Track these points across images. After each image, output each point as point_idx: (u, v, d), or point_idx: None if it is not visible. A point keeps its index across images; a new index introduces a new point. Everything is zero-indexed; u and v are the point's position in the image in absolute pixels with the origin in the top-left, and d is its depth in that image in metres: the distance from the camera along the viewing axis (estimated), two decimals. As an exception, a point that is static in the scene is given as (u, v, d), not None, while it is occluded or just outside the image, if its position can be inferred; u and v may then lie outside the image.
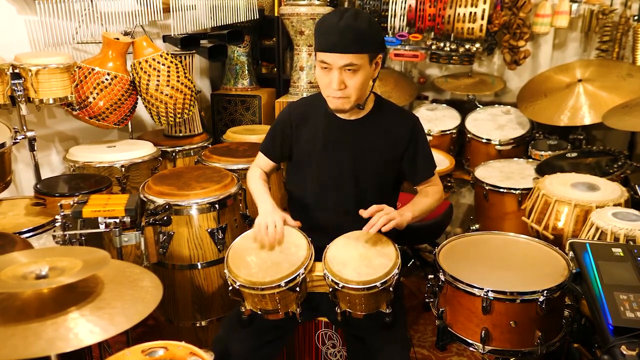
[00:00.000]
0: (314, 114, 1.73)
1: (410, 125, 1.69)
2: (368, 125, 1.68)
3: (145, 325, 2.43)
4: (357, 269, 1.41)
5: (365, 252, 1.48)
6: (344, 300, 1.45)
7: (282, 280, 1.40)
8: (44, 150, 2.54)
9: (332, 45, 1.49)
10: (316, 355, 1.78)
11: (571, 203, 1.97)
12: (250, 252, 1.52)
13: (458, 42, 3.04)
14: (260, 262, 1.47)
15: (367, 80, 1.58)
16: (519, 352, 1.52)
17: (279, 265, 1.45)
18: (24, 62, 2.11)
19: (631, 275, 1.29)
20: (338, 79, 1.51)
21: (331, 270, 1.42)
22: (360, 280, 1.38)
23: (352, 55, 1.49)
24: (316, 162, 1.71)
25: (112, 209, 1.62)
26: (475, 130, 3.03)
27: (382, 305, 1.45)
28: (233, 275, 1.45)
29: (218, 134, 3.38)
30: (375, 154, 1.67)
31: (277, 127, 1.80)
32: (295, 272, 1.43)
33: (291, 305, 1.47)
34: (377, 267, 1.41)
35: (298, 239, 1.55)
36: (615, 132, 2.92)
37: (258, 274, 1.43)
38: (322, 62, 1.52)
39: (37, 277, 1.12)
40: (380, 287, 1.37)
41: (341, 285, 1.38)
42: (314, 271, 1.49)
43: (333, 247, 1.52)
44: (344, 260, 1.45)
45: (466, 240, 1.79)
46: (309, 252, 1.50)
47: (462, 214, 3.42)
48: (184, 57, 2.76)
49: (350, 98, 1.56)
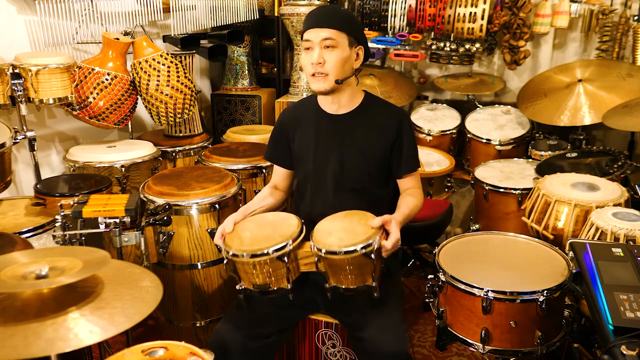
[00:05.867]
0: (305, 114, 1.79)
1: (399, 119, 1.72)
2: (357, 119, 1.73)
3: (145, 325, 2.43)
4: (339, 236, 1.46)
5: (349, 225, 1.52)
6: (331, 273, 1.48)
7: (270, 247, 1.44)
8: (44, 150, 2.54)
9: (314, 23, 1.61)
10: (316, 355, 1.78)
11: (571, 203, 1.97)
12: (246, 230, 1.58)
13: (458, 42, 3.04)
14: (253, 236, 1.53)
15: (345, 61, 1.63)
16: (519, 352, 1.52)
17: (270, 237, 1.50)
18: (24, 62, 2.11)
19: (631, 275, 1.29)
20: (318, 53, 1.60)
21: (316, 239, 1.47)
22: (341, 244, 1.41)
23: (331, 30, 1.59)
24: (311, 159, 1.75)
25: (112, 209, 1.62)
26: (475, 130, 3.03)
27: (368, 279, 1.46)
28: (227, 246, 1.51)
29: (218, 134, 3.38)
30: (365, 147, 1.70)
31: (275, 132, 1.87)
32: (284, 241, 1.47)
33: (282, 280, 1.49)
34: (359, 233, 1.45)
35: (292, 220, 1.60)
36: (615, 132, 2.93)
37: (249, 244, 1.49)
38: (306, 41, 1.63)
39: (37, 277, 1.12)
40: (360, 250, 1.39)
41: (324, 251, 1.42)
42: (304, 248, 1.52)
43: (321, 222, 1.57)
44: (329, 230, 1.50)
45: (466, 240, 1.80)
46: (299, 228, 1.54)
47: (462, 214, 3.42)
48: (184, 57, 2.76)
49: (329, 76, 1.62)
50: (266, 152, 1.91)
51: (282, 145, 1.83)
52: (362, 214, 1.56)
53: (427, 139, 3.10)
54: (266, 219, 1.65)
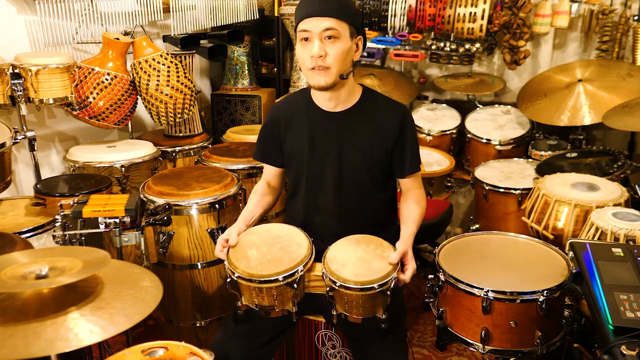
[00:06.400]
0: (297, 111, 1.68)
1: (401, 116, 1.62)
2: (356, 116, 1.62)
3: (145, 325, 2.43)
4: (355, 270, 1.41)
5: (365, 255, 1.47)
6: (340, 302, 1.44)
7: (281, 274, 1.40)
8: (44, 150, 2.54)
9: (311, 11, 1.47)
10: (316, 356, 1.78)
11: (571, 203, 1.97)
12: (252, 247, 1.51)
13: (458, 42, 3.04)
14: (261, 256, 1.47)
15: (347, 54, 1.51)
16: (519, 352, 1.52)
17: (279, 261, 1.45)
18: (24, 62, 2.11)
19: (631, 275, 1.29)
20: (318, 45, 1.47)
21: (330, 269, 1.42)
22: (357, 281, 1.37)
23: (332, 19, 1.46)
24: (306, 159, 1.66)
25: (112, 209, 1.62)
26: (475, 130, 3.03)
27: (378, 310, 1.43)
28: (232, 267, 1.45)
29: (218, 134, 3.38)
30: (365, 146, 1.62)
31: (264, 130, 1.77)
32: (294, 267, 1.43)
33: (287, 303, 1.46)
34: (376, 269, 1.41)
35: (300, 239, 1.55)
36: (615, 132, 2.93)
37: (257, 266, 1.43)
38: (303, 31, 1.49)
39: (37, 277, 1.12)
40: (378, 289, 1.36)
41: (338, 284, 1.38)
42: (313, 271, 1.49)
43: (334, 247, 1.51)
44: (343, 261, 1.44)
45: (466, 240, 1.79)
46: (309, 251, 1.50)
47: (462, 214, 3.42)
48: (184, 57, 2.76)
49: (331, 70, 1.49)
50: (255, 151, 1.81)
51: (273, 144, 1.73)
52: (379, 243, 1.51)
53: (427, 139, 3.09)
54: (272, 233, 1.58)
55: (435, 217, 2.43)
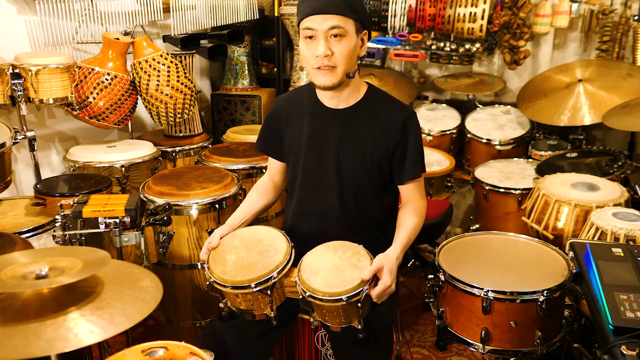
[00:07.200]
0: (300, 105, 1.65)
1: (405, 116, 1.56)
2: (360, 113, 1.57)
3: (145, 325, 2.43)
4: (326, 278, 1.36)
5: (339, 263, 1.41)
6: (318, 310, 1.42)
7: (252, 282, 1.39)
8: (44, 150, 2.54)
9: (316, 8, 1.41)
10: (316, 356, 1.78)
11: (571, 203, 1.97)
12: (231, 251, 1.50)
13: (458, 42, 3.04)
14: (237, 261, 1.46)
15: (354, 52, 1.47)
16: (519, 352, 1.52)
17: (254, 266, 1.43)
18: (24, 62, 2.11)
19: (631, 275, 1.29)
20: (324, 44, 1.41)
21: (301, 278, 1.39)
22: (326, 292, 1.33)
23: (338, 16, 1.40)
24: (303, 154, 1.62)
25: (112, 209, 1.62)
26: (475, 130, 3.03)
27: (353, 320, 1.39)
28: (210, 271, 1.45)
29: (218, 134, 3.38)
30: (365, 145, 1.56)
31: (267, 122, 1.73)
32: (268, 274, 1.40)
33: (265, 308, 1.44)
34: (347, 280, 1.35)
35: (280, 244, 1.51)
36: (615, 132, 2.93)
37: (231, 272, 1.42)
38: (307, 29, 1.44)
39: (37, 277, 1.12)
40: (346, 300, 1.32)
41: (308, 294, 1.36)
42: (291, 276, 1.45)
43: (311, 254, 1.47)
44: (316, 269, 1.40)
45: (466, 240, 1.79)
46: (285, 257, 1.46)
47: (462, 214, 3.42)
48: (184, 57, 2.76)
49: (337, 69, 1.45)
50: (257, 142, 1.76)
51: (275, 136, 1.69)
52: (356, 251, 1.44)
53: (427, 139, 3.09)
54: (254, 237, 1.55)
55: (435, 217, 2.43)
